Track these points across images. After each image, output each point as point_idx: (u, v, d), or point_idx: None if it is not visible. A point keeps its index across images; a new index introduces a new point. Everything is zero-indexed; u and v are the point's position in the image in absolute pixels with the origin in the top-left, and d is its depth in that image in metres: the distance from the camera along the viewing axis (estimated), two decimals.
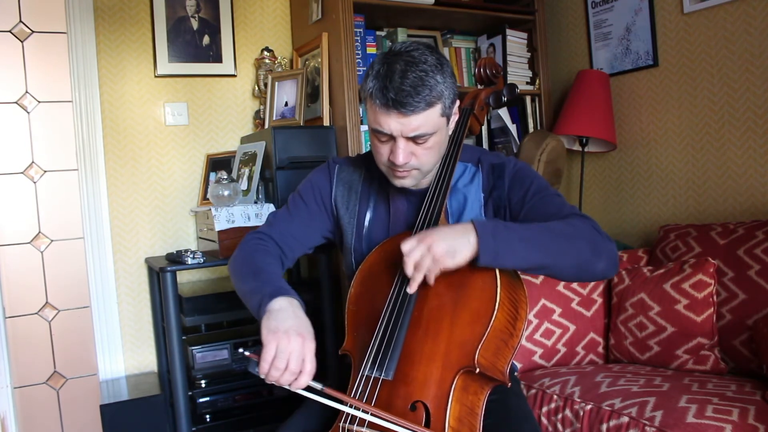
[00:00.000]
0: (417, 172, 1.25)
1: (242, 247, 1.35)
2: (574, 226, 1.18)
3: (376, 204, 1.39)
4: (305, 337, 1.09)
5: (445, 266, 1.10)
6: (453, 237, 1.11)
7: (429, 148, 1.22)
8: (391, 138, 1.20)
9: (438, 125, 1.20)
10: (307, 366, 1.07)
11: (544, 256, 1.14)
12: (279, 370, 1.06)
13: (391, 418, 1.05)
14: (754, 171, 2.22)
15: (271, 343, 1.07)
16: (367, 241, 1.38)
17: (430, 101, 1.16)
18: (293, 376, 1.06)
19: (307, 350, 1.08)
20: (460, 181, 1.35)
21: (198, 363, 2.21)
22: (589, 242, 1.17)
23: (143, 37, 2.54)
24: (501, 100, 1.50)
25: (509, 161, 1.35)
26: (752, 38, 2.19)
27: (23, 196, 1.80)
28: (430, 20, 2.70)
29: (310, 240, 1.41)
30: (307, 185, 1.43)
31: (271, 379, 1.08)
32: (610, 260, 1.19)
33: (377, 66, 1.19)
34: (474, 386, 1.13)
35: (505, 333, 1.14)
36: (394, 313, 1.17)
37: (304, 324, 1.12)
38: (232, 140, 2.70)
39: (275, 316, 1.12)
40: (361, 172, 1.42)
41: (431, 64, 1.17)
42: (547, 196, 1.28)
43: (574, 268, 1.18)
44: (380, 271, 1.27)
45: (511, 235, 1.12)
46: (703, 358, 1.89)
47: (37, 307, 1.82)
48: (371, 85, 1.19)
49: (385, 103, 1.16)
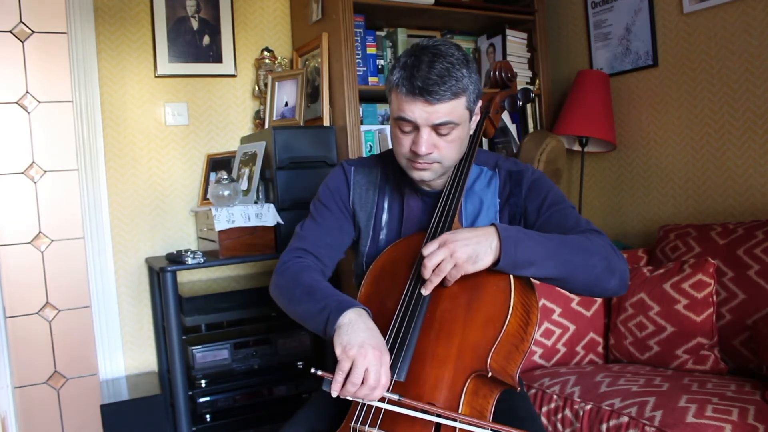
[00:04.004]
0: (438, 166, 1.25)
1: (283, 269, 1.32)
2: (593, 242, 1.19)
3: (391, 204, 1.38)
4: (381, 350, 1.07)
5: (466, 271, 1.11)
6: (476, 242, 1.11)
7: (451, 141, 1.22)
8: (415, 128, 1.21)
9: (462, 117, 1.21)
10: (382, 379, 1.05)
11: (562, 269, 1.16)
12: (355, 386, 1.04)
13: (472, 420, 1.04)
14: (754, 171, 2.22)
15: (346, 359, 1.05)
16: (381, 243, 1.37)
17: (456, 92, 1.17)
18: (370, 390, 1.04)
19: (383, 363, 1.06)
20: (476, 184, 1.35)
21: (198, 363, 2.21)
22: (604, 259, 1.18)
23: (143, 37, 2.54)
24: (516, 103, 1.51)
25: (527, 169, 1.35)
26: (752, 38, 2.19)
27: (23, 196, 1.80)
28: (430, 20, 2.70)
29: (342, 244, 1.41)
30: (326, 191, 1.42)
31: (345, 395, 1.06)
32: (623, 279, 1.21)
33: (404, 58, 1.21)
34: (484, 390, 1.13)
35: (516, 338, 1.14)
36: (407, 314, 1.16)
37: (376, 336, 1.10)
38: (232, 140, 2.70)
39: (346, 330, 1.10)
40: (377, 173, 1.42)
41: (458, 57, 1.19)
42: (564, 209, 1.29)
43: (588, 283, 1.19)
44: (392, 272, 1.26)
45: (532, 245, 1.13)
46: (703, 358, 1.89)
47: (38, 307, 1.82)
48: (398, 75, 1.20)
49: (412, 91, 1.17)
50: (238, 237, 2.19)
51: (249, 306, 2.30)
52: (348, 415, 1.14)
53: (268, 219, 2.24)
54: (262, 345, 2.31)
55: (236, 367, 2.27)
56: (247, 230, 2.20)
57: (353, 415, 1.13)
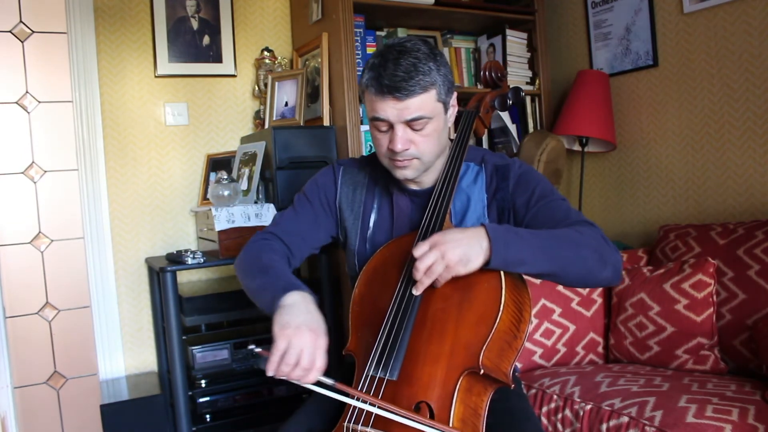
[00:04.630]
0: (417, 162, 1.26)
1: (249, 247, 1.35)
2: (583, 234, 1.19)
3: (380, 204, 1.39)
4: (317, 333, 1.09)
5: (457, 273, 1.11)
6: (467, 244, 1.11)
7: (427, 135, 1.23)
8: (390, 127, 1.22)
9: (434, 111, 1.22)
10: (317, 362, 1.07)
11: (553, 265, 1.16)
12: (289, 366, 1.06)
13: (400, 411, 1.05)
14: (754, 171, 2.22)
15: (282, 338, 1.07)
16: (371, 242, 1.38)
17: (425, 86, 1.19)
18: (304, 371, 1.06)
19: (319, 346, 1.07)
20: (463, 181, 1.35)
21: (198, 363, 2.21)
22: (596, 251, 1.18)
23: (143, 37, 2.54)
24: (506, 103, 1.51)
25: (514, 162, 1.35)
26: (752, 38, 2.19)
27: (23, 196, 1.80)
28: (430, 20, 2.70)
29: (315, 239, 1.42)
30: (312, 186, 1.44)
31: (280, 375, 1.07)
32: (615, 269, 1.21)
33: (372, 59, 1.23)
34: (478, 387, 1.13)
35: (509, 335, 1.15)
36: (399, 313, 1.17)
37: (316, 319, 1.12)
38: (232, 140, 2.70)
39: (287, 311, 1.12)
40: (366, 173, 1.42)
41: (424, 52, 1.21)
42: (552, 201, 1.28)
43: (581, 276, 1.19)
44: (385, 272, 1.27)
45: (522, 243, 1.14)
46: (703, 358, 1.89)
47: (37, 307, 1.82)
48: (367, 76, 1.22)
49: (380, 90, 1.19)
50: (238, 237, 2.19)
51: (249, 306, 2.28)
52: (342, 415, 1.15)
53: (268, 219, 2.24)
54: (261, 345, 2.29)
55: (236, 367, 2.26)
56: (247, 230, 2.20)
57: (347, 415, 1.13)
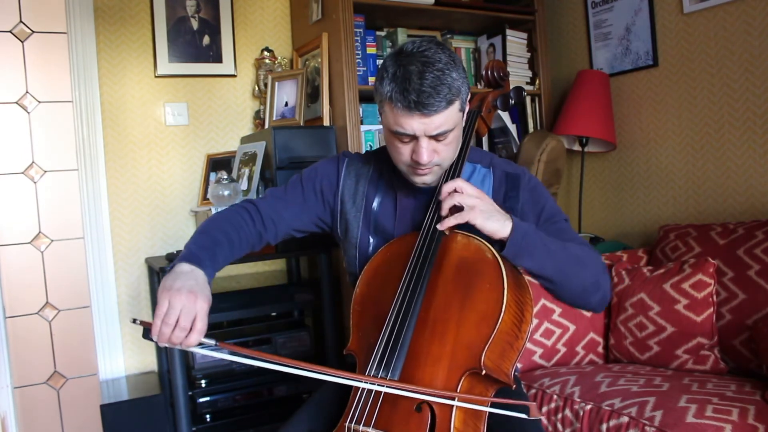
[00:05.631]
0: (438, 168, 1.26)
1: (222, 211, 1.36)
2: (589, 257, 1.26)
3: (383, 198, 1.39)
4: (197, 295, 1.09)
5: (473, 220, 1.15)
6: (496, 210, 1.19)
7: (449, 143, 1.23)
8: (413, 138, 1.21)
9: (457, 120, 1.22)
10: (198, 324, 1.08)
11: (557, 272, 1.22)
12: (169, 326, 1.07)
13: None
14: (754, 171, 2.22)
15: (164, 300, 1.08)
16: (373, 234, 1.37)
17: (450, 99, 1.17)
18: (183, 332, 1.07)
19: (199, 308, 1.08)
20: (470, 182, 1.35)
21: (198, 363, 2.21)
22: (594, 275, 1.25)
23: (143, 37, 2.54)
24: (508, 103, 1.51)
25: (524, 173, 1.37)
26: (752, 38, 2.19)
27: (23, 196, 1.80)
28: (430, 20, 2.70)
29: (297, 222, 1.40)
30: (311, 172, 1.43)
31: (163, 339, 1.09)
32: (604, 298, 1.29)
33: (392, 68, 1.18)
34: (479, 388, 1.13)
35: (510, 335, 1.15)
36: (401, 313, 1.17)
37: (198, 284, 1.12)
38: (232, 140, 2.70)
39: (173, 276, 1.13)
40: (370, 167, 1.42)
41: (445, 61, 1.17)
42: (558, 222, 1.33)
43: (575, 293, 1.26)
44: (386, 271, 1.27)
45: (538, 241, 1.19)
46: (703, 358, 1.89)
47: (37, 307, 1.82)
48: (389, 88, 1.17)
49: (407, 106, 1.15)
50: None
51: (249, 306, 2.30)
52: (344, 415, 1.15)
53: None
54: (262, 345, 2.31)
55: (236, 367, 2.26)
56: None
57: (348, 414, 1.13)
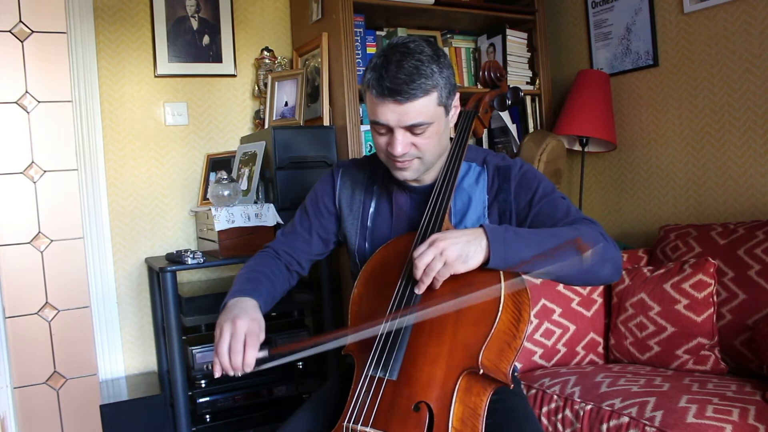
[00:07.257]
0: (418, 162, 1.25)
1: (250, 260, 1.43)
2: (582, 232, 1.19)
3: (379, 202, 1.39)
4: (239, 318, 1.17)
5: (456, 271, 1.11)
6: (466, 241, 1.11)
7: (428, 137, 1.22)
8: (389, 130, 1.21)
9: (435, 115, 1.20)
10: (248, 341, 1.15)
11: (552, 263, 1.16)
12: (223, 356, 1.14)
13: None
14: (754, 171, 2.22)
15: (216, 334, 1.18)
16: (370, 241, 1.38)
17: (426, 89, 1.17)
18: (238, 354, 1.13)
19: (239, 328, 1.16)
20: (465, 180, 1.35)
21: (198, 363, 2.21)
22: (595, 248, 1.18)
23: (143, 37, 2.54)
24: (505, 103, 1.51)
25: (515, 163, 1.35)
26: (752, 38, 2.19)
27: (23, 196, 1.80)
28: (430, 20, 2.70)
29: (314, 248, 1.46)
30: (311, 197, 1.47)
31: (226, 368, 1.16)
32: (615, 266, 1.22)
33: (375, 59, 1.21)
34: (477, 387, 1.13)
35: (508, 335, 1.15)
36: (398, 313, 1.16)
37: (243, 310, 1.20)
38: (232, 140, 2.69)
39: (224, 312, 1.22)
40: (366, 172, 1.42)
41: (427, 54, 1.19)
42: (553, 200, 1.28)
43: (580, 274, 1.20)
44: (384, 272, 1.27)
45: (521, 241, 1.14)
46: (703, 358, 1.89)
47: (37, 307, 1.82)
48: (369, 76, 1.20)
49: (381, 93, 1.17)
50: (238, 237, 2.19)
51: None
52: (342, 415, 1.15)
53: (268, 219, 2.24)
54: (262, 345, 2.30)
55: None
56: (246, 230, 2.20)
57: (347, 414, 1.13)
